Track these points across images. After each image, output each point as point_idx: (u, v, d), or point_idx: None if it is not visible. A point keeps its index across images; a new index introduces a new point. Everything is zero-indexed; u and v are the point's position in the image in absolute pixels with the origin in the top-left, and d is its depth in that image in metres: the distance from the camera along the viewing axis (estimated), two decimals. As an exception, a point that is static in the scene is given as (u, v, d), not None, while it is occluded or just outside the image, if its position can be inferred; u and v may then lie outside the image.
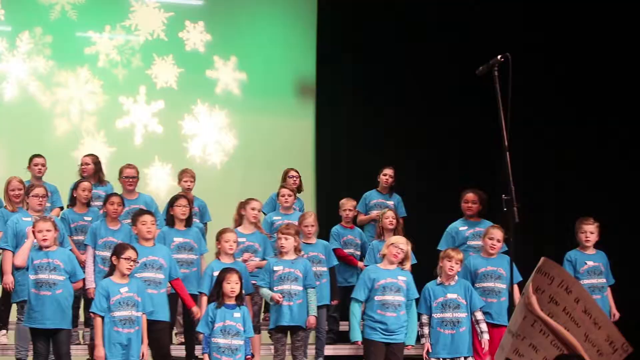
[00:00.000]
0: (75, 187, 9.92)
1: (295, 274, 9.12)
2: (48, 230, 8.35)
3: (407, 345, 9.08)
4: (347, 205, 10.90)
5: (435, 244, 10.37)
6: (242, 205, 10.02)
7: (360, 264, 10.61)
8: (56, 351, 8.41)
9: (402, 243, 9.08)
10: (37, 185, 9.52)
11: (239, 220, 10.05)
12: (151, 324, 8.49)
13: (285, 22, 14.58)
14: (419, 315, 9.16)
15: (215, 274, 8.70)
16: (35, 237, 8.36)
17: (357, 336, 9.00)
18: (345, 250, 10.66)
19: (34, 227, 8.40)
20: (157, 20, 13.88)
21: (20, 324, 8.94)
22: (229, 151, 14.12)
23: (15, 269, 8.86)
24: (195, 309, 8.90)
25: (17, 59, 13.25)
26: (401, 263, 9.08)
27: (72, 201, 9.96)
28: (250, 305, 9.12)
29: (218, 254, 9.24)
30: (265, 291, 9.10)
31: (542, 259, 5.23)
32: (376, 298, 8.96)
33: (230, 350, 8.29)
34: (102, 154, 11.86)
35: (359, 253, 10.77)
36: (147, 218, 8.79)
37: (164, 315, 8.76)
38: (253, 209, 9.90)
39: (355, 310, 9.04)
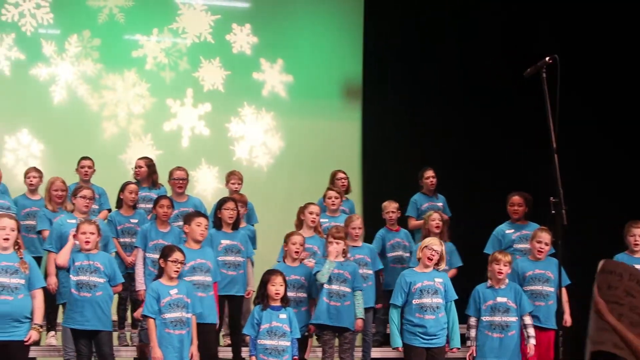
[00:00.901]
0: (122, 189, 9.98)
1: (344, 276, 9.12)
2: (92, 233, 8.38)
3: (452, 349, 9.02)
4: (389, 207, 10.85)
5: (480, 247, 10.33)
6: (302, 209, 10.03)
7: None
8: (99, 352, 8.44)
9: (435, 244, 9.01)
10: (85, 187, 9.58)
11: (299, 224, 10.05)
12: (199, 326, 8.51)
13: (332, 23, 14.58)
14: (467, 317, 9.11)
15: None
16: (77, 239, 8.41)
17: (397, 342, 8.93)
18: (392, 254, 10.62)
19: (77, 229, 8.44)
20: (204, 23, 13.95)
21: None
22: (275, 153, 14.15)
23: (59, 270, 8.92)
24: None
25: (66, 63, 13.38)
26: (437, 264, 9.04)
27: (119, 203, 10.01)
28: (312, 309, 9.17)
29: (285, 257, 9.30)
30: (321, 273, 9.05)
31: (602, 261, 5.18)
32: (414, 302, 8.89)
33: (276, 351, 8.28)
34: (149, 156, 11.90)
35: (408, 255, 10.70)
36: (202, 220, 8.80)
37: (212, 317, 8.79)
38: (311, 213, 9.90)
39: (394, 316, 8.97)
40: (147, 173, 10.64)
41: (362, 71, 14.41)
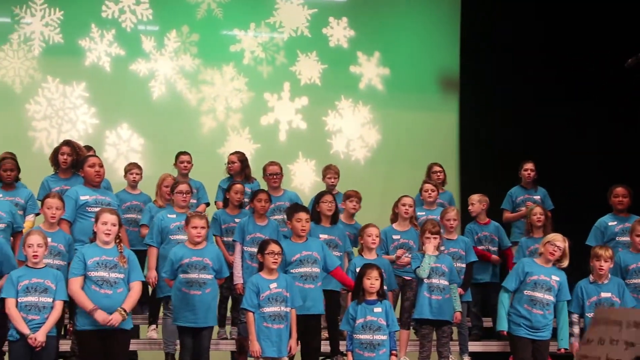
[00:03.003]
0: (228, 189, 9.99)
1: (442, 269, 9.07)
2: (202, 228, 8.43)
3: (560, 349, 8.88)
4: (474, 199, 10.75)
5: (582, 239, 10.14)
6: (396, 202, 9.98)
7: (494, 257, 10.53)
8: (198, 345, 8.50)
9: (559, 240, 8.86)
10: (182, 181, 9.63)
11: (395, 217, 10.00)
12: (308, 318, 8.57)
13: (429, 16, 14.51)
14: (569, 313, 8.94)
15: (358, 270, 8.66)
16: (189, 233, 8.49)
17: (503, 325, 8.84)
18: (480, 247, 10.50)
19: (187, 222, 8.51)
20: (301, 17, 13.99)
21: (167, 319, 9.07)
22: (373, 147, 14.13)
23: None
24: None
25: (165, 58, 13.55)
26: (559, 261, 8.88)
27: (225, 202, 10.03)
28: (392, 301, 9.11)
29: (361, 250, 9.26)
30: (421, 269, 9.00)
31: (598, 309, 4.92)
32: (525, 292, 8.82)
33: (372, 345, 8.20)
34: (246, 150, 11.99)
35: (495, 249, 10.62)
36: (302, 215, 8.76)
37: (319, 308, 8.79)
38: (404, 205, 9.85)
39: (504, 299, 8.88)
40: (240, 167, 10.68)
41: (460, 63, 14.30)
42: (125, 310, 7.69)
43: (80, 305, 7.68)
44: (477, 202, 10.68)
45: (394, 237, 9.78)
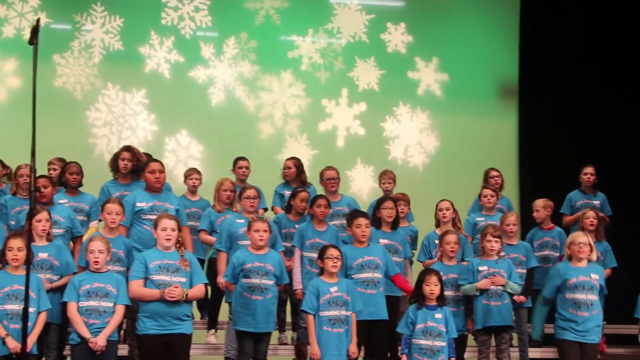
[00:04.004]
0: (293, 195, 9.93)
1: (500, 274, 9.00)
2: (265, 231, 8.44)
3: None
4: (539, 205, 10.64)
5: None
6: (435, 208, 9.98)
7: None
8: (257, 350, 8.50)
9: (579, 237, 8.85)
10: (249, 187, 9.61)
11: (437, 223, 10.01)
12: (372, 323, 8.53)
13: (487, 21, 14.45)
14: (637, 320, 8.83)
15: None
16: (252, 238, 8.48)
17: (536, 333, 8.83)
18: (540, 253, 10.40)
19: (250, 226, 8.51)
20: (359, 23, 14.00)
21: (231, 324, 9.07)
22: (431, 153, 14.09)
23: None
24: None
25: (224, 64, 13.63)
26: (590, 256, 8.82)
27: (288, 208, 10.00)
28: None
29: (441, 256, 9.27)
30: (467, 287, 9.01)
31: None
32: (567, 296, 8.75)
33: (431, 351, 8.17)
34: (304, 156, 12.05)
35: (557, 254, 10.48)
36: (361, 221, 8.75)
37: (383, 314, 8.73)
38: (440, 209, 9.88)
39: (540, 306, 8.95)
40: (296, 173, 10.67)
41: (519, 69, 14.21)
42: (187, 296, 7.73)
43: (146, 299, 7.73)
44: (542, 208, 10.58)
45: (437, 241, 9.72)
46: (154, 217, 8.40)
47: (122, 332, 9.40)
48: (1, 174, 10.19)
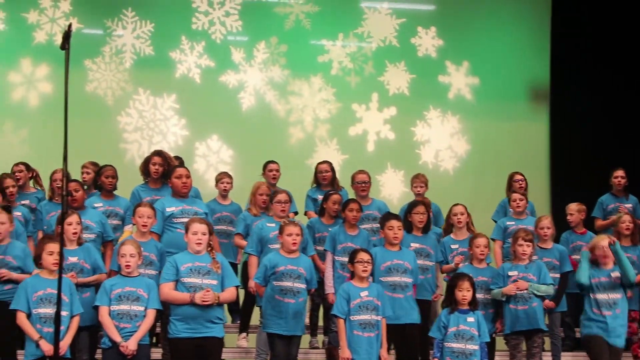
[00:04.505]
0: (326, 198, 9.90)
1: (528, 278, 8.98)
2: (297, 235, 8.44)
3: None
4: (573, 209, 10.59)
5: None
6: (449, 213, 10.03)
7: None
8: (288, 353, 8.49)
9: (600, 240, 8.91)
10: (280, 191, 9.60)
11: (448, 227, 10.08)
12: (402, 328, 8.54)
13: (518, 25, 14.42)
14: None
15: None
16: (284, 241, 8.47)
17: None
18: (574, 257, 10.32)
19: (282, 230, 8.51)
20: (389, 27, 14.00)
21: (261, 327, 9.06)
22: (462, 157, 14.06)
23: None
24: None
25: (254, 69, 13.66)
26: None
27: (322, 212, 9.96)
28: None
29: (471, 259, 9.25)
30: (495, 292, 8.98)
31: None
32: (591, 295, 8.82)
33: (464, 355, 8.19)
34: (335, 161, 11.99)
35: None
36: (393, 223, 8.75)
37: (413, 317, 8.71)
38: (455, 214, 9.91)
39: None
40: (332, 177, 10.65)
41: (550, 73, 14.15)
42: (219, 298, 7.73)
43: (176, 303, 7.74)
44: (576, 211, 10.54)
45: (452, 246, 9.73)
46: (185, 219, 8.42)
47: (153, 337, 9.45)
48: (26, 177, 10.24)
